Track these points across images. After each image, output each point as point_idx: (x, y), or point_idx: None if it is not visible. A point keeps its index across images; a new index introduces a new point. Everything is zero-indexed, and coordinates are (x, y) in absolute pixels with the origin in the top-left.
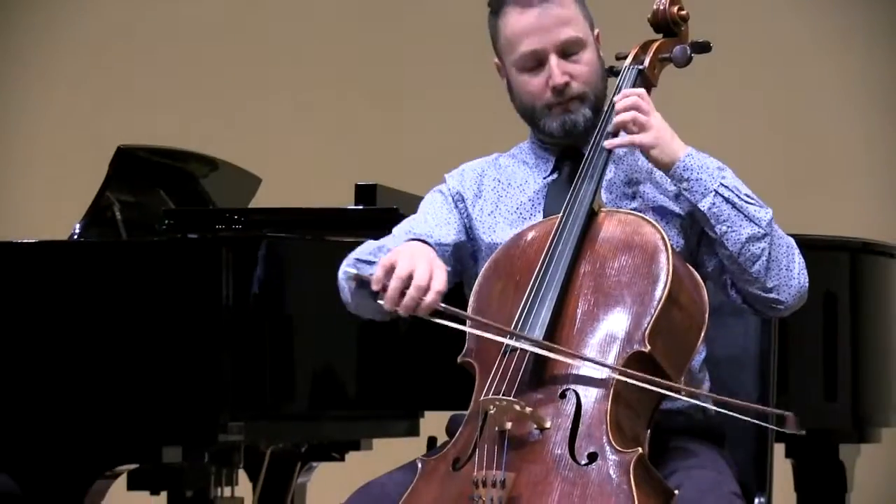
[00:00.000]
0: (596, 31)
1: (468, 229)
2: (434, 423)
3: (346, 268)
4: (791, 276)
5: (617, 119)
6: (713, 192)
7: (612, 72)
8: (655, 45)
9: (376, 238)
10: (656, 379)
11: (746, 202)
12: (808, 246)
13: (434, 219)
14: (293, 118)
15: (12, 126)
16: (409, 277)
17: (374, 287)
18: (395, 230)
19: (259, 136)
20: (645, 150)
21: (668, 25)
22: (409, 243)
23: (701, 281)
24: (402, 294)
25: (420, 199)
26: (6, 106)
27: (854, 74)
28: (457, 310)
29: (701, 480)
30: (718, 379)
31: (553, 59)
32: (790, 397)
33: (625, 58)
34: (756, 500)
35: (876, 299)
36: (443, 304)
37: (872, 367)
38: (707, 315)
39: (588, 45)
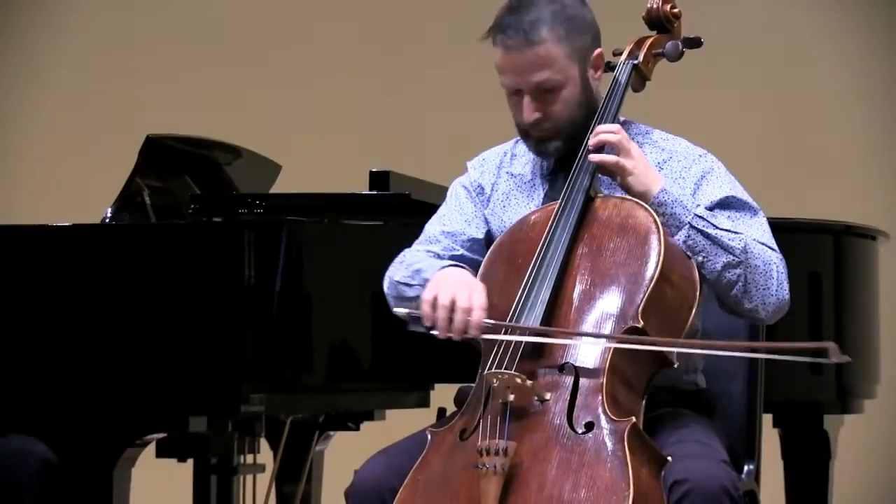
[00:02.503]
0: (596, 51)
1: (486, 219)
2: (444, 394)
3: (396, 309)
4: (769, 294)
5: (601, 137)
6: (687, 226)
7: (609, 67)
8: (649, 41)
9: (389, 221)
10: (652, 338)
11: (720, 233)
12: (795, 228)
13: (462, 215)
14: (311, 109)
15: (44, 117)
16: (453, 304)
17: (427, 323)
18: (428, 229)
19: (279, 125)
20: (623, 176)
21: (661, 22)
22: (443, 272)
23: (692, 261)
24: (451, 320)
25: (430, 185)
26: (37, 96)
27: (848, 63)
28: (503, 323)
29: (692, 449)
30: (711, 354)
31: (526, 99)
32: (778, 370)
33: (620, 53)
34: (745, 467)
35: (858, 279)
36: (491, 320)
37: (855, 342)
38: (698, 293)
39: (567, 83)
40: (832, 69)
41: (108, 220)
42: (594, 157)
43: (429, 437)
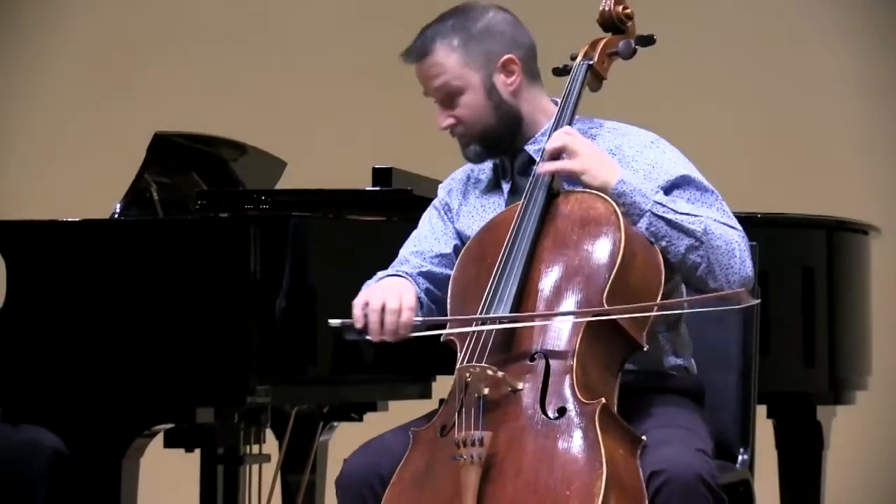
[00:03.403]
0: (504, 57)
1: (459, 234)
2: (445, 385)
3: (330, 321)
4: (732, 272)
5: (546, 152)
6: (648, 213)
7: (565, 70)
8: (603, 42)
9: (392, 216)
10: (631, 306)
11: (680, 216)
12: (788, 223)
13: (432, 233)
14: (315, 106)
15: (55, 115)
16: (383, 307)
17: (358, 325)
18: (401, 251)
19: (284, 122)
20: (576, 176)
21: (614, 24)
22: (378, 282)
23: (655, 247)
24: (383, 323)
25: (432, 180)
26: (45, 95)
27: (843, 61)
28: (435, 318)
29: (671, 438)
30: (706, 346)
31: (438, 107)
32: (772, 362)
33: (576, 56)
34: (739, 457)
35: (850, 273)
36: (419, 318)
37: (847, 335)
38: (663, 276)
39: (467, 89)
40: (827, 66)
41: (117, 216)
42: (541, 169)
43: (411, 436)
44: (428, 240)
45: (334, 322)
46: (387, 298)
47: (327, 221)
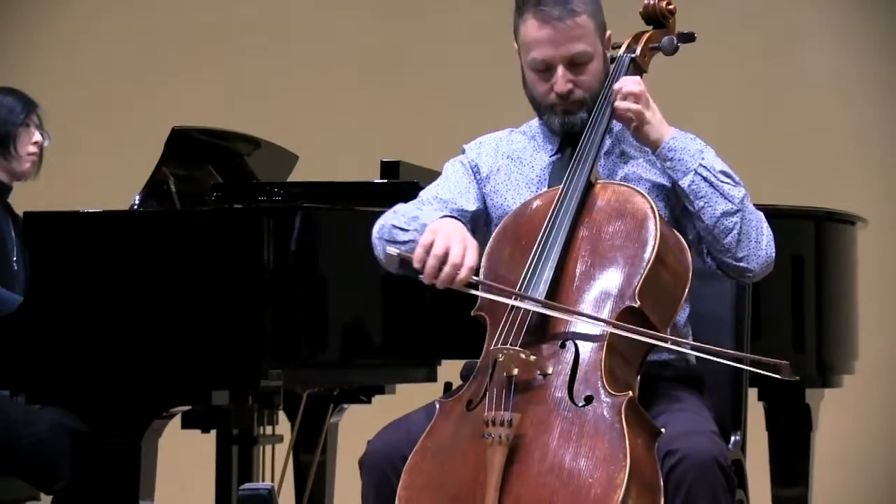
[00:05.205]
0: (608, 33)
1: (483, 198)
2: (450, 369)
3: (389, 248)
4: (759, 247)
5: (625, 91)
6: (693, 171)
7: (609, 60)
8: (646, 35)
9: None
10: (645, 330)
11: (722, 181)
12: (779, 214)
13: (456, 187)
14: (326, 103)
15: (77, 112)
16: (446, 255)
17: (416, 265)
18: (422, 195)
19: (296, 118)
20: (640, 124)
21: (657, 18)
22: (443, 220)
23: (685, 244)
24: (440, 269)
25: (438, 174)
26: (74, 93)
27: (837, 59)
28: (487, 282)
29: (684, 421)
30: (700, 332)
31: (560, 70)
32: (762, 348)
33: (619, 47)
34: (732, 438)
35: (838, 262)
36: (475, 278)
37: (835, 322)
38: (690, 274)
39: (596, 55)
40: (818, 63)
41: (136, 207)
42: (621, 105)
43: (437, 407)
44: (451, 192)
45: (393, 251)
46: (451, 247)
47: (337, 213)
